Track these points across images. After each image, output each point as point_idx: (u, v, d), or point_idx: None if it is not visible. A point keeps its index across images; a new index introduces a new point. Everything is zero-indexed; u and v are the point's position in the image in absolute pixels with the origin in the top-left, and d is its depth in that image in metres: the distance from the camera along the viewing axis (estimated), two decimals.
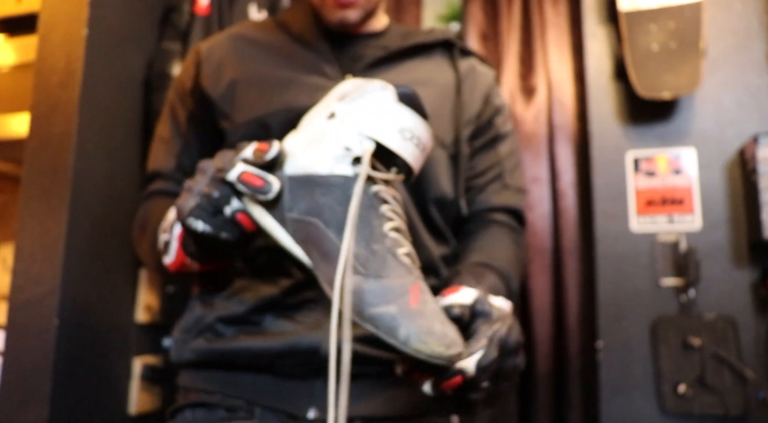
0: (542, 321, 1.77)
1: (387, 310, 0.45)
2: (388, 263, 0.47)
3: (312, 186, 0.50)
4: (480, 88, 0.85)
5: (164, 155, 0.80)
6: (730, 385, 1.45)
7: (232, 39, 0.80)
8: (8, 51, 1.69)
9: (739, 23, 1.64)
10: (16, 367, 1.31)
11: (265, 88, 0.74)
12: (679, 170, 1.61)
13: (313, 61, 0.77)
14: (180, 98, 0.80)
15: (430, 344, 0.44)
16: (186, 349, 0.75)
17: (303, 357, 0.69)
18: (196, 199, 0.54)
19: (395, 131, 0.50)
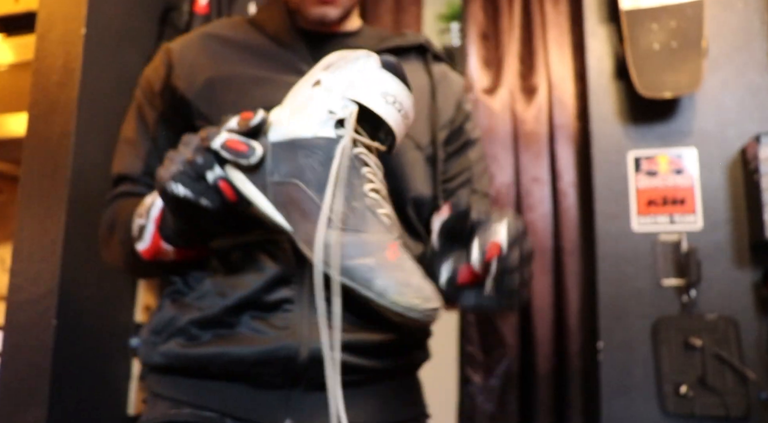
0: (543, 321, 1.77)
1: (364, 262, 0.45)
2: (367, 220, 0.48)
3: (295, 149, 0.51)
4: (452, 94, 0.85)
5: (131, 158, 0.78)
6: (731, 386, 1.45)
7: (205, 38, 0.79)
8: (6, 50, 1.69)
9: (740, 22, 1.63)
10: (14, 367, 1.31)
11: (245, 87, 0.73)
12: (680, 170, 1.61)
13: (290, 60, 0.76)
14: (148, 99, 0.78)
15: (407, 296, 0.44)
16: (155, 352, 0.71)
17: (280, 365, 0.67)
18: (178, 166, 0.53)
19: (378, 94, 0.51)
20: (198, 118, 0.74)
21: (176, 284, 0.74)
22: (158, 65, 0.78)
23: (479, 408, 1.78)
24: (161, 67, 0.77)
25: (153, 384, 0.74)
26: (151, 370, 0.75)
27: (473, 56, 1.98)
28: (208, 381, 0.69)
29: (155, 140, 0.77)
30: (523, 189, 1.85)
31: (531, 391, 1.75)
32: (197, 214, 0.57)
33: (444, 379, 2.01)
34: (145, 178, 0.77)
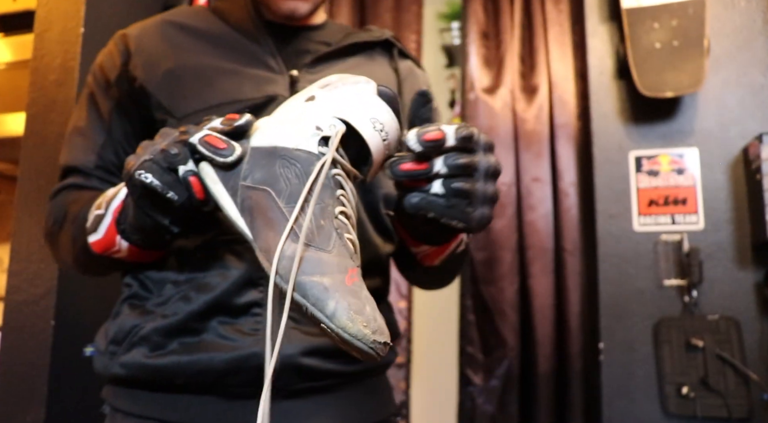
0: (544, 321, 1.76)
1: (320, 281, 0.43)
2: (332, 240, 0.47)
3: (274, 157, 0.49)
4: (417, 89, 0.83)
5: (82, 149, 0.73)
6: (733, 387, 1.44)
7: (165, 25, 0.74)
8: (4, 49, 1.68)
9: (742, 21, 1.62)
10: (13, 367, 1.30)
11: (209, 79, 0.70)
12: (681, 170, 1.60)
13: (256, 53, 0.73)
14: (102, 88, 0.73)
15: (358, 323, 0.42)
16: (114, 363, 0.66)
17: (250, 374, 0.63)
18: (150, 155, 0.51)
19: (367, 119, 0.50)
20: (158, 110, 0.70)
21: (133, 288, 0.70)
22: (114, 52, 0.73)
23: (480, 409, 1.77)
24: (117, 55, 0.72)
25: (112, 398, 0.69)
26: (110, 382, 0.70)
27: (474, 55, 1.97)
28: (174, 394, 0.65)
29: (110, 132, 0.73)
30: (523, 189, 1.85)
31: (531, 392, 1.75)
32: (161, 208, 0.54)
33: (444, 380, 2.00)
34: (99, 171, 0.72)
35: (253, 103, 0.68)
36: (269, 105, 0.69)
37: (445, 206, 0.52)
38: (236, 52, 0.73)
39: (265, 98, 0.69)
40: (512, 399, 1.75)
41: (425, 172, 0.51)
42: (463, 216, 0.53)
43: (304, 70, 0.73)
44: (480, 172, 0.53)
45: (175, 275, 0.67)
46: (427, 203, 0.52)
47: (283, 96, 0.69)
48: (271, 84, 0.70)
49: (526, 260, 1.82)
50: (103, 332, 0.72)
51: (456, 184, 0.51)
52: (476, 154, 0.53)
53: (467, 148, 0.52)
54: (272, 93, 0.70)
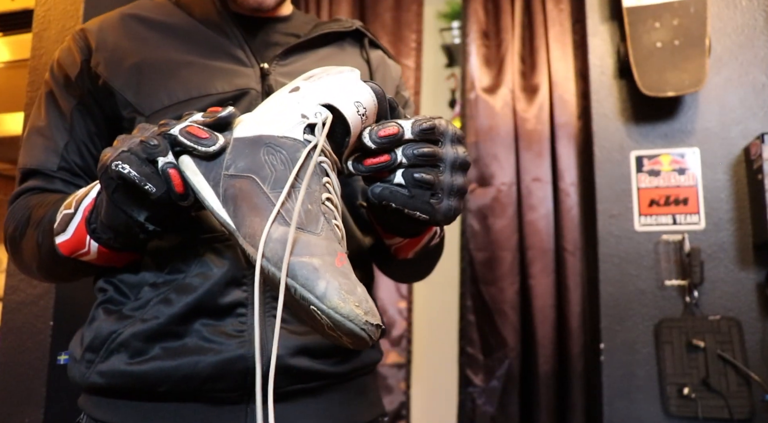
0: (544, 322, 1.76)
1: (310, 261, 0.42)
2: (320, 224, 0.46)
3: (258, 146, 0.49)
4: (391, 79, 0.82)
5: (43, 151, 0.69)
6: (735, 388, 1.43)
7: (127, 19, 0.71)
8: (2, 48, 1.68)
9: (744, 20, 1.62)
10: (11, 368, 1.30)
11: (177, 73, 0.67)
12: (682, 170, 1.59)
13: (224, 46, 0.71)
14: (62, 86, 0.70)
15: (350, 303, 0.41)
16: (92, 371, 0.63)
17: (236, 378, 0.61)
18: (129, 145, 0.50)
19: (351, 102, 0.49)
20: (125, 108, 0.67)
21: (108, 292, 0.67)
22: (73, 49, 0.70)
23: (480, 410, 1.76)
24: (77, 52, 0.69)
25: (90, 407, 0.66)
26: (87, 391, 0.66)
27: (474, 55, 1.97)
28: (157, 402, 0.62)
29: (72, 131, 0.69)
30: (524, 189, 1.84)
31: (532, 393, 1.74)
32: (137, 203, 0.52)
33: (444, 381, 1.99)
34: (61, 173, 0.69)
35: (225, 97, 0.66)
36: (241, 98, 0.67)
37: (407, 197, 0.52)
38: (204, 45, 0.70)
39: (236, 91, 0.67)
40: (513, 400, 1.75)
41: (388, 164, 0.51)
42: (427, 207, 0.52)
43: (275, 63, 0.71)
44: (446, 163, 0.52)
45: (153, 277, 0.64)
46: (390, 193, 0.52)
47: (254, 89, 0.68)
48: (242, 77, 0.68)
49: (526, 260, 1.81)
50: (78, 339, 0.68)
51: (417, 174, 0.51)
52: (442, 145, 0.52)
53: (431, 140, 0.52)
54: (244, 86, 0.68)
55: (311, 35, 0.75)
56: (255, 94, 0.68)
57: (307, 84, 0.52)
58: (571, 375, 1.70)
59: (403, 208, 0.52)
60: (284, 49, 0.72)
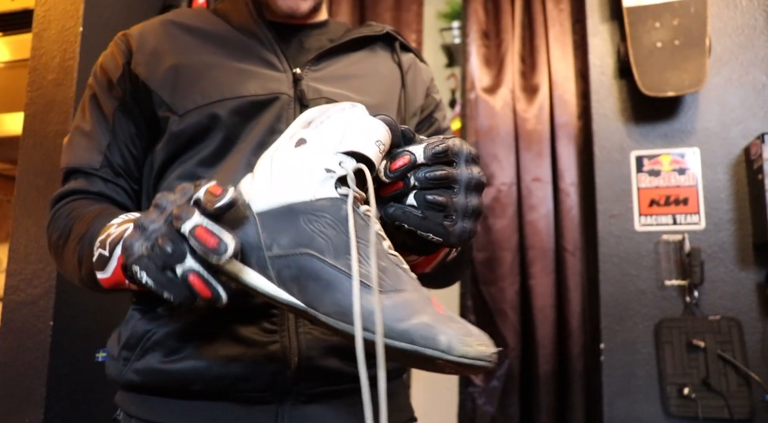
0: (544, 322, 1.76)
1: (421, 320, 0.41)
2: (401, 277, 0.44)
3: (294, 216, 0.46)
4: (422, 82, 0.83)
5: (86, 150, 0.71)
6: (735, 388, 1.43)
7: (167, 25, 0.74)
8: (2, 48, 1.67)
9: (744, 19, 1.62)
10: (11, 368, 1.30)
11: (212, 76, 0.69)
12: (683, 169, 1.59)
13: (259, 51, 0.73)
14: (105, 89, 0.72)
15: (474, 346, 0.41)
16: (128, 369, 0.65)
17: (266, 379, 0.62)
18: (146, 247, 0.46)
19: (372, 143, 0.47)
20: (160, 107, 0.69)
21: (143, 293, 0.67)
22: (115, 53, 0.73)
23: (480, 410, 1.76)
24: (119, 55, 0.72)
25: (126, 404, 0.68)
26: (124, 388, 0.68)
27: (474, 55, 1.97)
28: (190, 400, 0.63)
29: (114, 133, 0.71)
30: (524, 189, 1.84)
31: (532, 393, 1.74)
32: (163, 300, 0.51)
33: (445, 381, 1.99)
34: (103, 171, 0.71)
35: (257, 100, 0.68)
36: (273, 103, 0.68)
37: (420, 218, 0.51)
38: (239, 51, 0.72)
39: (269, 96, 0.68)
40: (513, 400, 1.75)
41: (401, 190, 0.51)
42: (440, 229, 0.51)
43: (307, 68, 0.72)
44: (460, 184, 0.51)
45: None
46: (403, 214, 0.52)
47: (286, 94, 0.69)
48: (275, 81, 0.70)
49: (526, 260, 1.81)
50: (115, 337, 0.70)
51: (429, 196, 0.50)
52: (456, 166, 0.51)
53: (445, 161, 0.51)
54: (276, 91, 0.69)
55: (342, 40, 0.76)
56: (287, 99, 0.69)
57: (312, 133, 0.49)
58: (572, 375, 1.70)
59: (416, 229, 0.52)
60: (316, 55, 0.73)
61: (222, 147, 0.67)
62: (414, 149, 0.50)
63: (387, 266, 0.45)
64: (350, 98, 0.72)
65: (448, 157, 0.51)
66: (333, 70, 0.74)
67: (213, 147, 0.67)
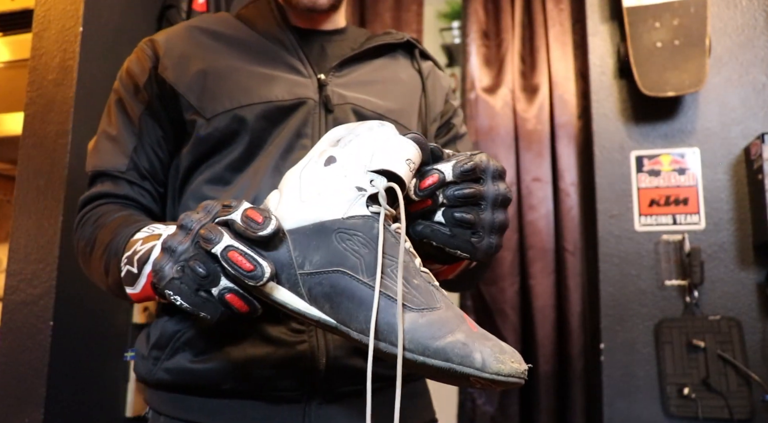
0: (544, 322, 1.76)
1: (456, 339, 0.43)
2: (434, 295, 0.45)
3: (326, 234, 0.46)
4: (441, 88, 0.86)
5: (113, 153, 0.72)
6: (735, 388, 1.43)
7: (192, 31, 0.76)
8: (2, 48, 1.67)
9: (744, 19, 1.62)
10: (11, 368, 1.30)
11: (239, 80, 0.71)
12: (683, 169, 1.59)
13: (283, 56, 0.74)
14: (131, 93, 0.73)
15: (507, 363, 0.43)
16: (158, 368, 0.66)
17: (295, 378, 0.63)
18: (177, 269, 0.46)
19: (402, 161, 0.47)
20: (188, 111, 0.70)
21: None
22: (142, 58, 0.74)
23: (480, 410, 1.76)
24: (146, 60, 0.73)
25: (156, 402, 0.69)
26: (153, 386, 0.70)
27: (474, 55, 1.97)
28: (220, 398, 0.65)
29: (140, 136, 0.73)
30: (524, 189, 1.84)
31: (532, 393, 1.74)
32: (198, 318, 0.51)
33: None
34: (129, 174, 0.72)
35: (284, 105, 0.69)
36: (299, 107, 0.70)
37: (448, 235, 0.52)
38: (265, 56, 0.74)
39: (295, 100, 0.70)
40: (513, 400, 1.75)
41: (430, 208, 0.52)
42: (468, 246, 0.52)
43: (331, 74, 0.74)
44: (488, 201, 0.52)
45: None
46: (431, 231, 0.53)
47: (312, 99, 0.71)
48: (301, 87, 0.71)
49: (526, 260, 1.81)
50: (144, 337, 0.71)
51: (457, 214, 0.51)
52: (483, 182, 0.52)
53: (473, 179, 0.52)
54: (302, 95, 0.71)
55: (364, 47, 0.78)
56: (312, 104, 0.71)
57: (341, 152, 0.49)
58: (571, 375, 1.70)
59: (444, 246, 0.53)
60: (340, 61, 0.75)
61: (249, 151, 0.69)
62: (443, 167, 0.51)
63: (420, 284, 0.45)
64: (373, 103, 0.74)
65: (475, 174, 0.52)
66: (356, 76, 0.76)
67: (240, 151, 0.69)
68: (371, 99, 0.75)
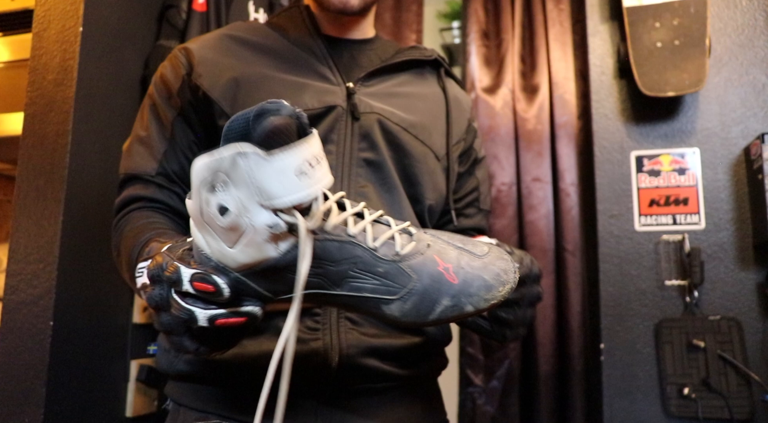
0: (544, 322, 1.76)
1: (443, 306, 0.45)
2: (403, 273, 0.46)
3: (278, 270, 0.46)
4: (464, 112, 0.88)
5: (143, 157, 0.74)
6: (735, 388, 1.43)
7: (226, 39, 0.78)
8: (2, 48, 1.67)
9: (744, 19, 1.62)
10: (10, 369, 1.30)
11: (270, 88, 0.73)
12: (683, 169, 1.59)
13: (313, 64, 0.77)
14: (164, 98, 0.76)
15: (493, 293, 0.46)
16: (179, 360, 0.69)
17: (310, 374, 0.66)
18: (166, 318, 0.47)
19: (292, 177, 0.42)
20: (220, 117, 0.72)
21: None
22: (176, 64, 0.76)
23: (480, 410, 1.76)
24: (180, 67, 0.76)
25: (176, 393, 0.72)
26: (174, 378, 0.72)
27: (474, 55, 1.97)
28: (235, 389, 0.68)
29: (172, 141, 0.75)
30: (524, 189, 1.84)
31: (532, 393, 1.74)
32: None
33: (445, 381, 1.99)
34: (159, 178, 0.74)
35: (313, 113, 0.72)
36: (327, 114, 0.73)
37: (488, 329, 0.63)
38: (295, 64, 0.76)
39: (324, 108, 0.72)
40: (513, 400, 1.75)
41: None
42: (501, 337, 0.63)
43: (359, 83, 0.77)
44: (525, 301, 0.61)
45: None
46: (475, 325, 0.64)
47: (341, 106, 0.73)
48: (330, 94, 0.74)
49: None
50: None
51: (502, 314, 0.60)
52: (525, 286, 0.60)
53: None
54: (331, 103, 0.73)
55: (394, 61, 0.81)
56: (340, 111, 0.74)
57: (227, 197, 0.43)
58: (571, 375, 1.70)
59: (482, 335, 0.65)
60: (368, 72, 0.79)
61: None
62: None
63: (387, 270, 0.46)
64: (398, 116, 0.77)
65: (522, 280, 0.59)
66: (383, 87, 0.79)
67: None
68: (396, 111, 0.77)
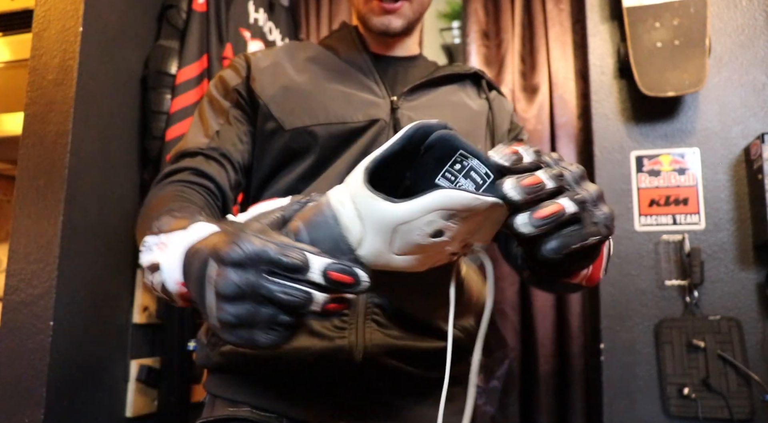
0: (544, 321, 1.76)
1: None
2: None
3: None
4: (506, 111, 0.93)
5: (197, 136, 0.79)
6: (735, 388, 1.43)
7: (282, 52, 0.86)
8: (2, 48, 1.67)
9: (744, 20, 1.62)
10: (11, 369, 1.29)
11: (318, 99, 0.78)
12: (683, 169, 1.59)
13: (360, 78, 0.83)
14: (221, 93, 0.82)
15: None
16: (215, 353, 0.73)
17: (337, 367, 0.68)
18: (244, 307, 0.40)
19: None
20: (268, 119, 0.78)
21: None
22: (237, 68, 0.84)
23: (480, 410, 1.76)
24: (240, 70, 0.83)
25: (212, 386, 0.76)
26: (210, 371, 0.76)
27: (474, 55, 1.97)
28: (267, 382, 0.71)
29: (225, 125, 0.80)
30: None
31: (532, 393, 1.74)
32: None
33: None
34: (208, 150, 0.77)
35: (357, 126, 0.76)
36: (371, 127, 0.77)
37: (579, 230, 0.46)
38: (343, 76, 0.83)
39: (368, 122, 0.77)
40: (513, 400, 1.75)
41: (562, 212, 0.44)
42: (593, 228, 0.46)
43: (403, 98, 0.81)
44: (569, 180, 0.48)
45: None
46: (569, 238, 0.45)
47: (384, 120, 0.78)
48: (375, 107, 0.79)
49: None
50: (204, 327, 0.79)
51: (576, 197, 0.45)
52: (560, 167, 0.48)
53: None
54: (375, 116, 0.77)
55: (435, 75, 0.86)
56: (383, 124, 0.78)
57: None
58: (572, 375, 1.70)
59: (582, 241, 0.45)
60: (411, 86, 0.83)
61: (319, 163, 0.76)
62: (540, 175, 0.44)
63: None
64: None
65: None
66: (425, 100, 0.83)
67: (310, 163, 0.76)
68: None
